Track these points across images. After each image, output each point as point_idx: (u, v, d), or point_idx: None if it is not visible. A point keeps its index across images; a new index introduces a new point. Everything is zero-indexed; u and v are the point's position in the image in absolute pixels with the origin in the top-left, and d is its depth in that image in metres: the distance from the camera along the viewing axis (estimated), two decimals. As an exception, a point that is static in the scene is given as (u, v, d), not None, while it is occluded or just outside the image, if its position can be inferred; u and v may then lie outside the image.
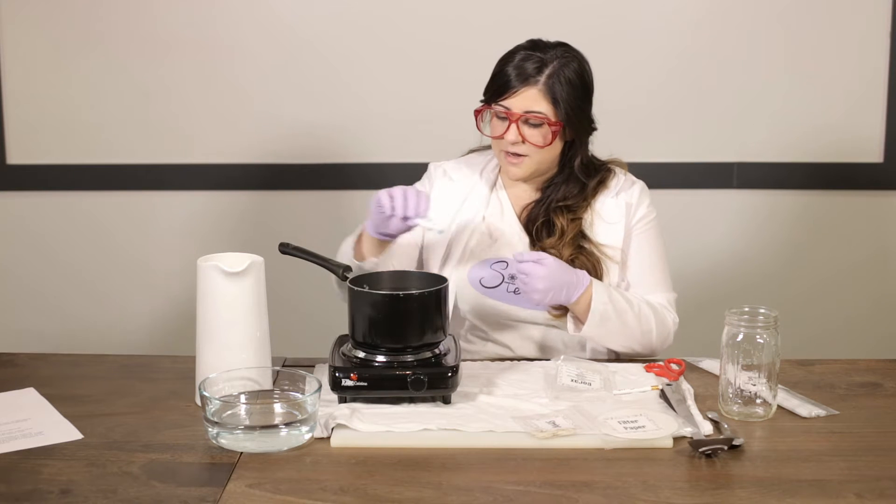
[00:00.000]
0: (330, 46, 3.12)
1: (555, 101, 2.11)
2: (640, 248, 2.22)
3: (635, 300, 2.14)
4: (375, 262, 2.12)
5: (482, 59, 2.22)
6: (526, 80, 2.11)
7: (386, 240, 2.11)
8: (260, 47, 3.13)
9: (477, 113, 2.17)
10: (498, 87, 2.13)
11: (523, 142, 2.12)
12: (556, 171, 2.22)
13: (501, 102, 2.13)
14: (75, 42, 3.13)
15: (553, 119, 2.11)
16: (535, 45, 2.16)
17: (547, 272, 2.02)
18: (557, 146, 2.16)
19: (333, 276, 2.05)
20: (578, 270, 2.09)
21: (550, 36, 2.22)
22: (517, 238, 2.23)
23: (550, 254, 2.12)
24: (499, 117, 2.14)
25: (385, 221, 2.05)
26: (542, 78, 2.11)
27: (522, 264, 2.03)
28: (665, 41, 3.12)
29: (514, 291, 2.18)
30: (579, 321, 2.11)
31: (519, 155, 2.14)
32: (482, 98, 2.18)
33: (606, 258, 2.18)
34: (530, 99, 2.11)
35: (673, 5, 3.11)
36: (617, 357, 2.18)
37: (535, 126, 2.12)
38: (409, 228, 2.06)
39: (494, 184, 2.28)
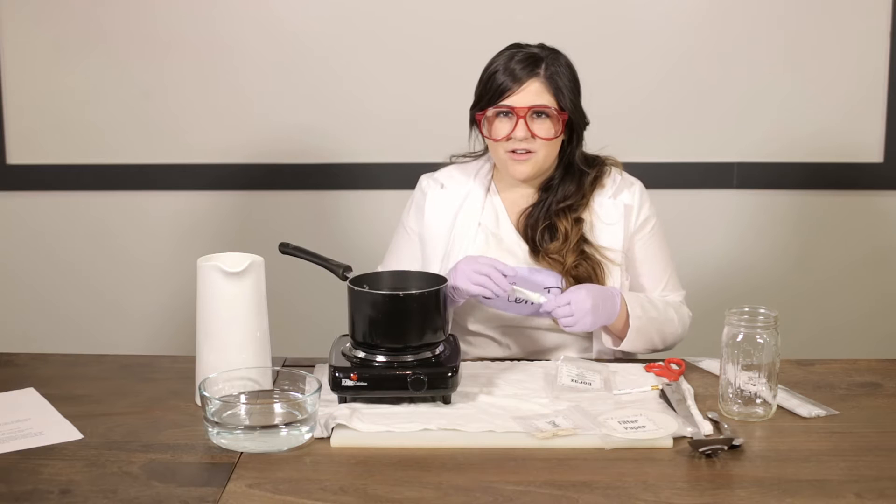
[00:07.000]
0: (330, 47, 3.12)
1: (557, 91, 2.12)
2: (652, 254, 2.23)
3: (661, 305, 2.16)
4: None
5: (481, 60, 2.21)
6: (528, 74, 2.11)
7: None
8: (259, 48, 3.13)
9: (479, 118, 2.16)
10: (497, 88, 2.12)
11: (532, 137, 2.12)
12: (552, 170, 2.21)
13: (505, 102, 2.12)
14: (75, 42, 3.13)
15: (558, 110, 2.12)
16: (518, 46, 2.17)
17: (586, 293, 2.01)
18: (559, 141, 2.16)
19: None
20: (606, 287, 2.09)
21: (550, 37, 2.22)
22: (516, 245, 2.21)
23: (554, 259, 2.13)
24: (504, 115, 2.13)
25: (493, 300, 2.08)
26: (542, 70, 2.12)
27: (561, 297, 2.02)
28: (665, 41, 3.12)
29: (515, 301, 2.16)
30: (615, 336, 2.13)
31: (528, 151, 2.13)
32: (478, 105, 2.17)
33: (608, 261, 2.17)
34: (534, 93, 2.11)
35: (673, 5, 3.11)
36: (617, 357, 2.18)
37: (543, 119, 2.12)
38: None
39: (488, 189, 2.26)
